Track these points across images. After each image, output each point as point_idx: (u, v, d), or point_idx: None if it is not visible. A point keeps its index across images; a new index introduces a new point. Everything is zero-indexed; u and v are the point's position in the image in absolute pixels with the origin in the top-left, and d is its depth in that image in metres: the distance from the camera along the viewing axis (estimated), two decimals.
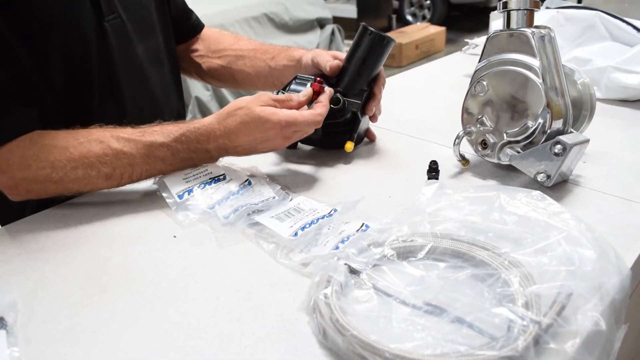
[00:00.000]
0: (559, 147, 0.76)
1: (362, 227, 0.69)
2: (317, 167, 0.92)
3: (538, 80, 0.79)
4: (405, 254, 0.63)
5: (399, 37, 4.70)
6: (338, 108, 0.90)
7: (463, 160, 0.88)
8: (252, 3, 3.61)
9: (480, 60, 0.86)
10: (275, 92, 0.93)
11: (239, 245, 0.71)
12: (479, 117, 0.86)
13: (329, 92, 0.87)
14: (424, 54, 4.95)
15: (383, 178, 0.88)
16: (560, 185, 0.83)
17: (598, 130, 0.90)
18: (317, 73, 0.95)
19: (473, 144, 0.88)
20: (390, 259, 0.62)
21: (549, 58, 0.81)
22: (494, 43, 0.84)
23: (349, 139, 0.92)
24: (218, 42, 1.15)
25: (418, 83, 1.40)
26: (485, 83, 0.84)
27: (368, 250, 0.63)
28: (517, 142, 0.82)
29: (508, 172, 0.87)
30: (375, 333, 0.52)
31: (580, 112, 0.90)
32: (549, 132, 0.79)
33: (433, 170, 0.85)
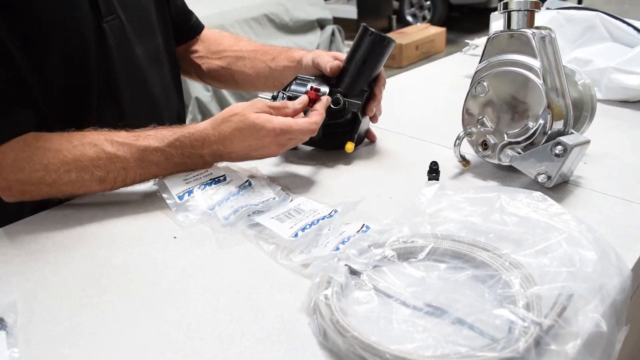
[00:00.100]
0: (560, 148, 0.76)
1: (362, 228, 0.69)
2: (317, 167, 0.92)
3: (539, 81, 0.79)
4: (406, 255, 0.63)
5: (399, 37, 4.70)
6: (338, 108, 0.90)
7: (463, 161, 0.88)
8: (252, 4, 3.61)
9: (481, 61, 0.86)
10: (276, 93, 0.93)
11: (239, 246, 0.71)
12: (480, 117, 0.86)
13: (326, 100, 0.87)
14: (424, 55, 4.95)
15: (383, 179, 0.88)
16: (561, 186, 0.83)
17: (599, 131, 0.90)
18: (317, 74, 0.95)
19: (473, 145, 0.88)
20: (391, 260, 0.62)
21: (550, 59, 0.81)
22: (495, 44, 0.84)
23: (350, 140, 0.92)
24: (218, 43, 1.15)
25: (418, 84, 1.40)
26: (486, 84, 0.84)
27: (368, 251, 0.63)
28: (517, 143, 0.82)
29: (509, 173, 0.87)
30: (376, 334, 0.52)
31: (581, 113, 0.90)
32: (550, 133, 0.79)
33: (433, 171, 0.85)
